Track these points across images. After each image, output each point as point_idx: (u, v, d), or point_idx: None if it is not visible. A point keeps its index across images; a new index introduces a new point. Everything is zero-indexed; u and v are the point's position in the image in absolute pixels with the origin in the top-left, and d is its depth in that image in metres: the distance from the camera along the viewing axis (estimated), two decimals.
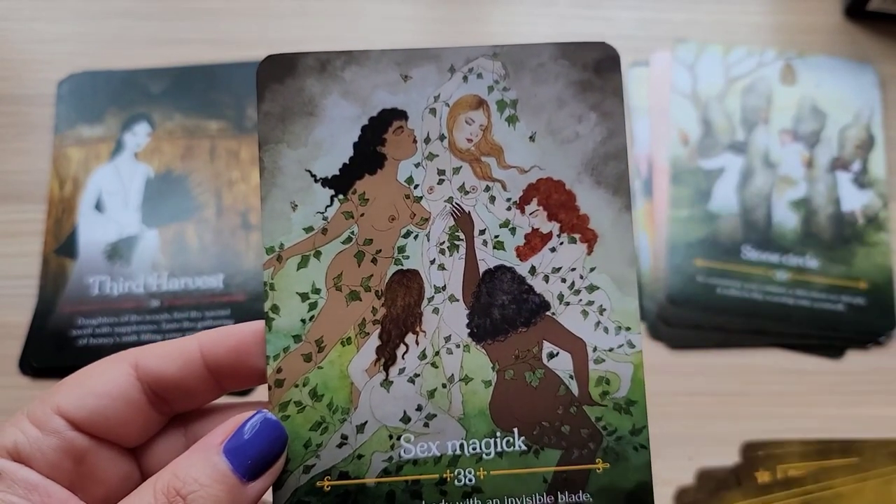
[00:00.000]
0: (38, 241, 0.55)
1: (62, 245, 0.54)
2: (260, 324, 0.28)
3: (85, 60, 0.59)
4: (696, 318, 0.56)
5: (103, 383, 0.26)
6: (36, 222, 0.55)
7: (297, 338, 0.28)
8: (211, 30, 0.61)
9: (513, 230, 0.29)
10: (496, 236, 0.28)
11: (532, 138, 0.29)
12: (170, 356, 0.27)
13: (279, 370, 0.28)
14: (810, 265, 0.55)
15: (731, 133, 0.59)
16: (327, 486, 0.27)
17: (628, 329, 0.28)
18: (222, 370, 0.28)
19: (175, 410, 0.28)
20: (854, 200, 0.58)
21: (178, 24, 0.61)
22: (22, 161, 0.57)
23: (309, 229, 0.28)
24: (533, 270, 0.28)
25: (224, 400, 0.29)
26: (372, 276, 0.28)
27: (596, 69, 0.29)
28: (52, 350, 0.51)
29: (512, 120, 0.29)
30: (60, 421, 0.26)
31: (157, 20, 0.62)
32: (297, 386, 0.28)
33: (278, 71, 0.28)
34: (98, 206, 0.55)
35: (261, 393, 0.29)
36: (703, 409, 0.53)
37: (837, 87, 0.60)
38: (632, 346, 0.28)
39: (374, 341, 0.28)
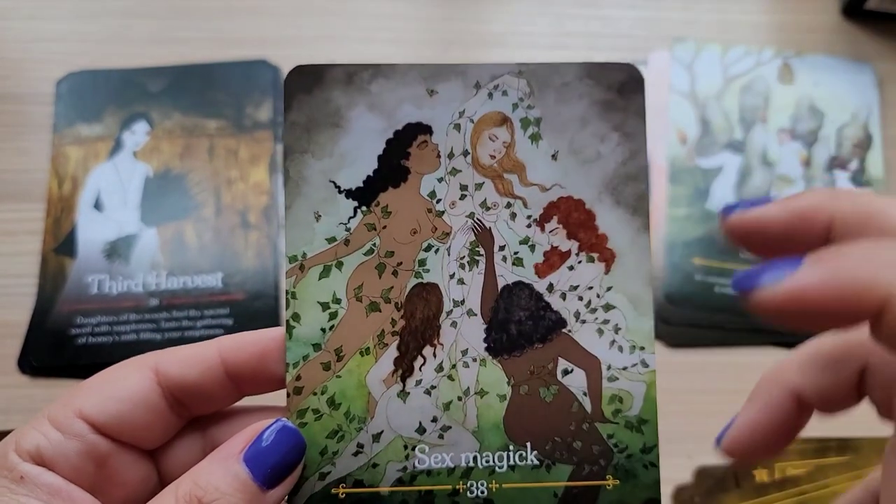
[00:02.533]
0: (36, 239, 0.54)
1: (61, 244, 0.54)
2: (280, 330, 0.28)
3: (83, 59, 0.59)
4: (695, 316, 0.56)
5: (125, 388, 0.27)
6: (35, 221, 0.55)
7: (316, 346, 0.28)
8: (209, 29, 0.61)
9: (532, 247, 0.29)
10: (515, 253, 0.29)
11: (554, 157, 0.29)
12: (190, 361, 0.28)
13: (298, 378, 0.28)
14: None
15: (729, 132, 0.59)
16: (342, 494, 0.28)
17: (642, 349, 0.29)
18: (242, 376, 0.28)
19: (193, 414, 0.29)
20: None
21: (177, 23, 0.61)
22: (20, 160, 0.57)
23: (331, 240, 0.29)
24: (550, 288, 0.29)
25: (241, 404, 0.30)
26: (392, 287, 0.29)
27: (620, 90, 0.29)
28: (51, 349, 0.51)
29: (535, 138, 0.29)
30: (83, 424, 0.26)
31: (155, 19, 0.61)
32: (315, 394, 0.28)
33: (306, 82, 0.29)
34: (97, 205, 0.55)
35: (274, 397, 0.29)
36: (701, 407, 0.53)
37: (835, 87, 0.60)
38: (645, 365, 0.29)
39: (392, 352, 0.29)
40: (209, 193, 0.56)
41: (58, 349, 0.51)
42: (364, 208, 0.29)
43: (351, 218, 0.29)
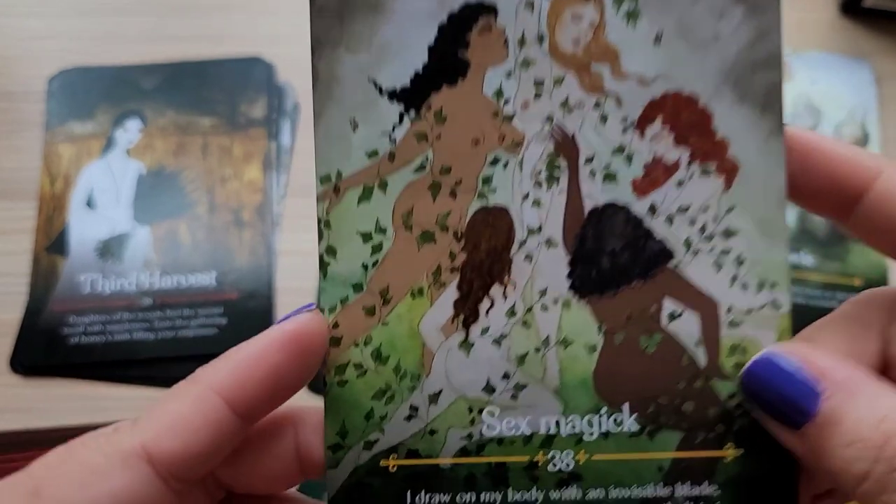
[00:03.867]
0: (28, 238, 0.54)
1: (53, 242, 0.54)
2: (280, 330, 0.22)
3: (76, 56, 0.59)
4: None
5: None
6: (27, 219, 0.54)
7: (357, 287, 0.23)
8: (203, 26, 0.60)
9: (629, 158, 0.23)
10: (607, 166, 0.23)
11: (657, 40, 0.22)
12: (192, 426, 0.20)
13: (335, 325, 0.23)
14: (805, 262, 0.53)
15: None
16: (393, 466, 0.23)
17: (773, 286, 0.22)
18: (257, 410, 0.22)
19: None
20: None
21: (171, 20, 0.61)
22: (12, 158, 0.56)
23: (373, 154, 0.23)
24: (653, 209, 0.23)
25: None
26: (450, 213, 0.23)
27: None
28: (43, 349, 0.51)
29: (632, 16, 0.22)
30: None
31: (149, 16, 0.61)
32: (357, 345, 0.23)
33: None
34: (89, 204, 0.55)
35: None
36: None
37: (833, 84, 0.60)
38: (776, 307, 0.22)
39: (451, 293, 0.23)
40: (203, 191, 0.55)
41: (50, 349, 0.50)
42: (412, 113, 0.23)
43: (396, 126, 0.23)
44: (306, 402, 0.24)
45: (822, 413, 0.20)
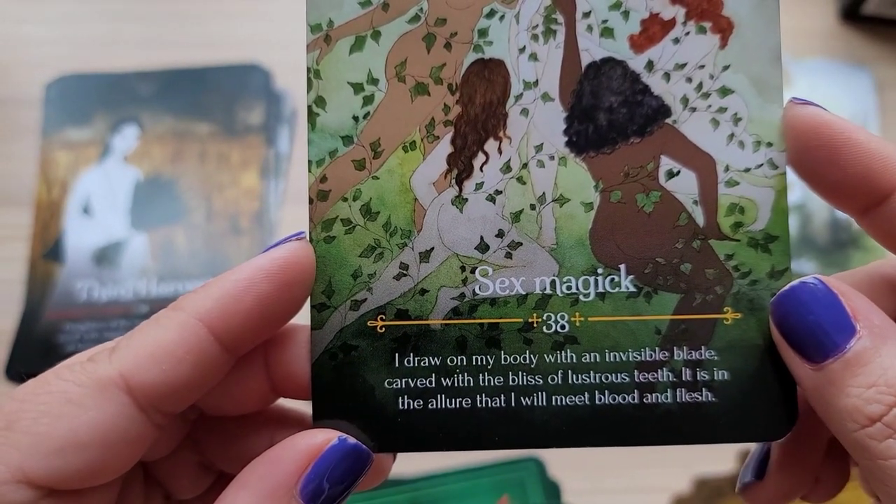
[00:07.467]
0: (24, 245, 0.54)
1: (49, 250, 0.53)
2: (268, 259, 0.20)
3: (73, 63, 0.59)
4: None
5: (89, 423, 0.19)
6: (23, 227, 0.54)
7: (347, 139, 0.22)
8: (200, 32, 0.61)
9: (626, 14, 0.22)
10: (604, 21, 0.22)
11: None
12: (174, 356, 0.19)
13: (324, 179, 0.22)
14: (806, 270, 0.54)
15: None
16: (381, 327, 0.22)
17: (769, 145, 0.22)
18: (243, 342, 0.20)
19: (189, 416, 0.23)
20: None
21: (168, 27, 0.61)
22: (9, 164, 0.56)
23: (366, 3, 0.22)
24: (650, 66, 0.22)
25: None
26: (444, 65, 0.22)
27: None
28: (39, 357, 0.50)
29: None
30: (26, 492, 0.18)
31: (146, 22, 0.61)
32: (345, 199, 0.22)
33: None
34: (86, 210, 0.54)
35: None
36: None
37: (833, 91, 0.60)
38: (773, 166, 0.22)
39: (445, 147, 0.22)
40: (200, 198, 0.55)
41: (45, 357, 0.50)
42: None
43: None
44: None
45: (852, 350, 0.19)
